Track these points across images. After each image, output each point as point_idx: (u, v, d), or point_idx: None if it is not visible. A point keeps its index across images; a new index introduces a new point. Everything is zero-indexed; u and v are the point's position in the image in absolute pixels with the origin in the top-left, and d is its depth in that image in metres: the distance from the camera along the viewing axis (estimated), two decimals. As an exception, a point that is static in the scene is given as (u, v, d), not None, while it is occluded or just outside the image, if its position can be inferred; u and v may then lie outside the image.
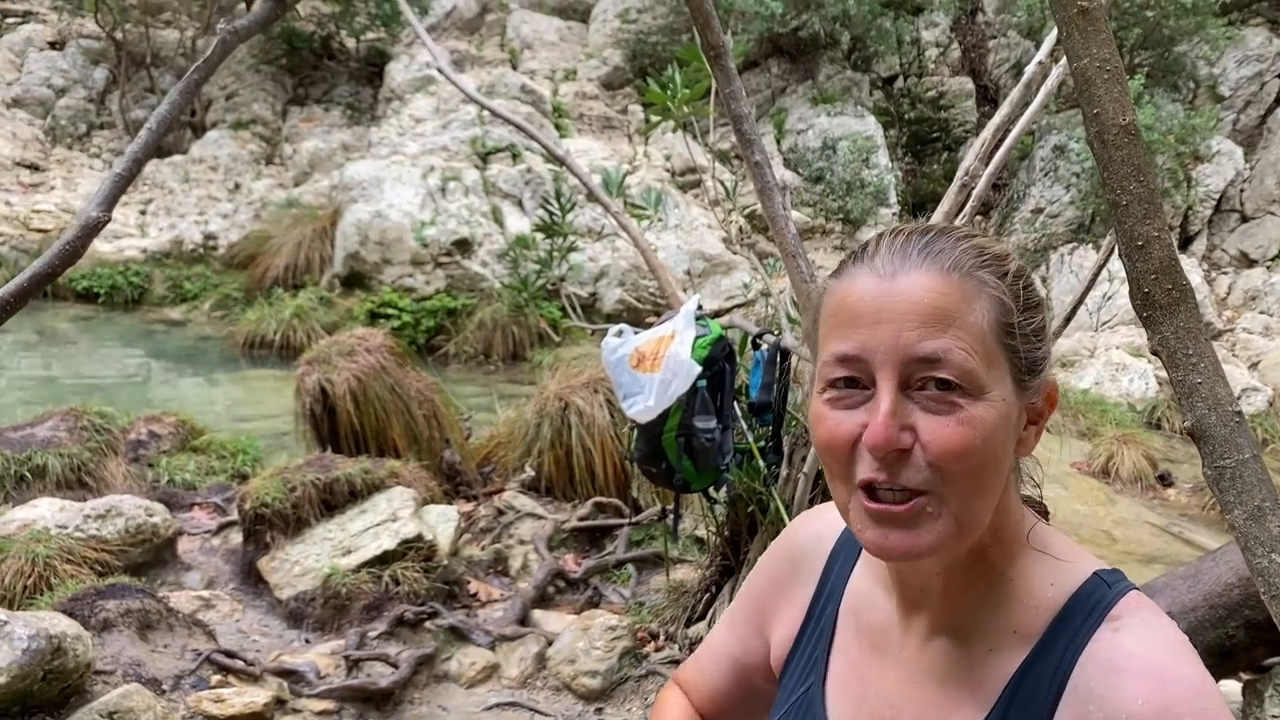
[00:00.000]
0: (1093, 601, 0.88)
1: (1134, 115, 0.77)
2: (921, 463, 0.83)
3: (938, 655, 0.93)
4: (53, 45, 14.38)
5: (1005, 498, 0.90)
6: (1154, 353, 0.77)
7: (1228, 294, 12.01)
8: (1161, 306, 0.76)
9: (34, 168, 12.78)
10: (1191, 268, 11.80)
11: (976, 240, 0.89)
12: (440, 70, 4.89)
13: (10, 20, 14.76)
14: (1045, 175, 12.55)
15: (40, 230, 11.64)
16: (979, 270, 0.86)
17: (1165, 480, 7.73)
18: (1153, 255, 0.76)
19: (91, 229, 1.35)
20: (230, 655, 3.64)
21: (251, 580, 4.49)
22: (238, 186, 12.95)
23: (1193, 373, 0.75)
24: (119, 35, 13.72)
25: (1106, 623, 0.86)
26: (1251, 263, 12.21)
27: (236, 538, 4.75)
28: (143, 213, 12.49)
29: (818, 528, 1.13)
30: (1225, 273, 12.28)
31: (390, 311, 10.62)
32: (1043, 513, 0.98)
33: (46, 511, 4.36)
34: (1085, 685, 0.84)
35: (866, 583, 1.03)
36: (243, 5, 14.25)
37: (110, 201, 1.35)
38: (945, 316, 0.83)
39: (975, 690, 0.89)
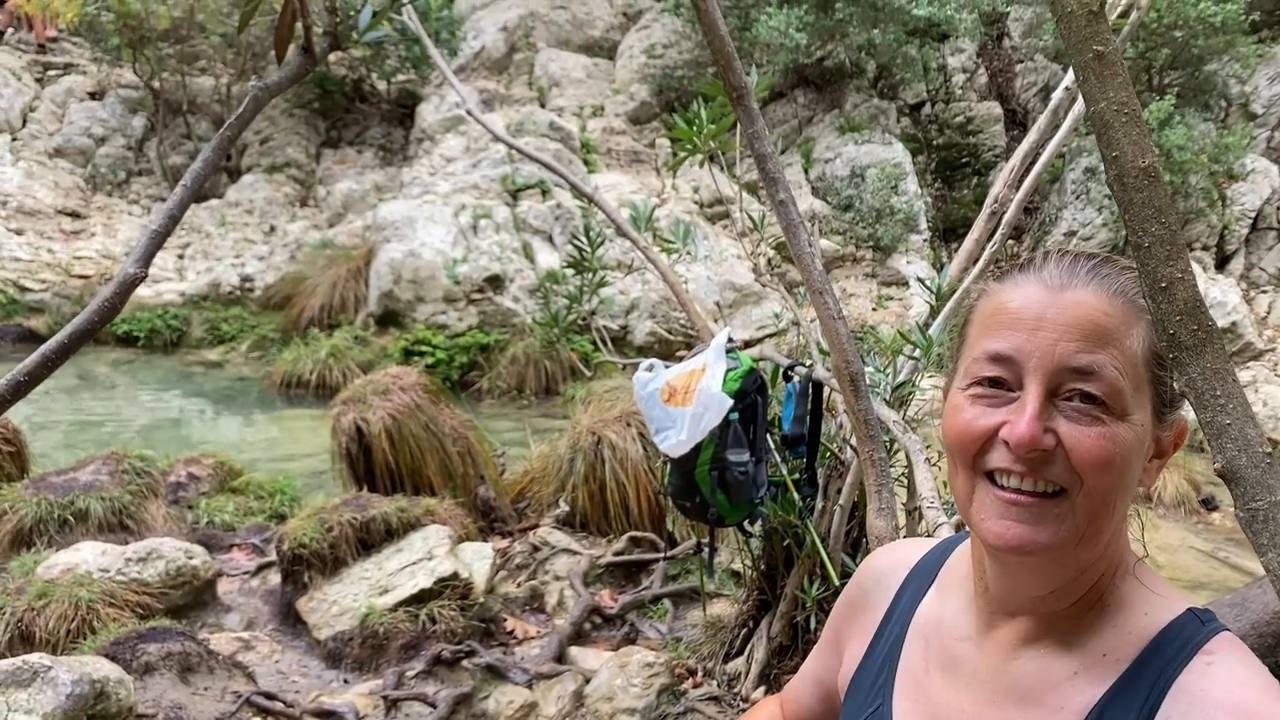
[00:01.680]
0: (1186, 635, 0.88)
1: (1153, 158, 0.77)
2: (1064, 464, 0.86)
3: (1020, 675, 0.93)
4: (93, 95, 14.73)
5: (1120, 526, 0.92)
6: (1181, 394, 0.77)
7: (1268, 313, 11.82)
8: (1188, 348, 0.76)
9: (75, 215, 13.06)
10: (1229, 287, 11.64)
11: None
12: (469, 112, 4.96)
13: (52, 72, 15.13)
14: (1077, 198, 12.47)
15: (81, 277, 11.87)
16: (1141, 299, 0.88)
17: (1209, 504, 7.60)
18: (1177, 296, 0.76)
19: (129, 285, 1.38)
20: (270, 697, 3.66)
21: (290, 621, 4.52)
22: (273, 229, 13.15)
23: (1221, 414, 0.75)
24: (156, 84, 14.03)
25: (1200, 655, 0.86)
26: (1291, 281, 12.03)
27: (275, 578, 4.79)
28: (180, 257, 12.71)
29: (895, 558, 1.16)
30: (1264, 291, 12.09)
31: (424, 349, 10.71)
32: None
33: (89, 555, 4.42)
34: (1179, 716, 0.83)
35: (939, 607, 1.05)
36: (274, 52, 14.53)
37: (147, 258, 1.38)
38: (1105, 335, 0.86)
39: (1057, 712, 0.89)
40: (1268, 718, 0.81)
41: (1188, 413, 0.87)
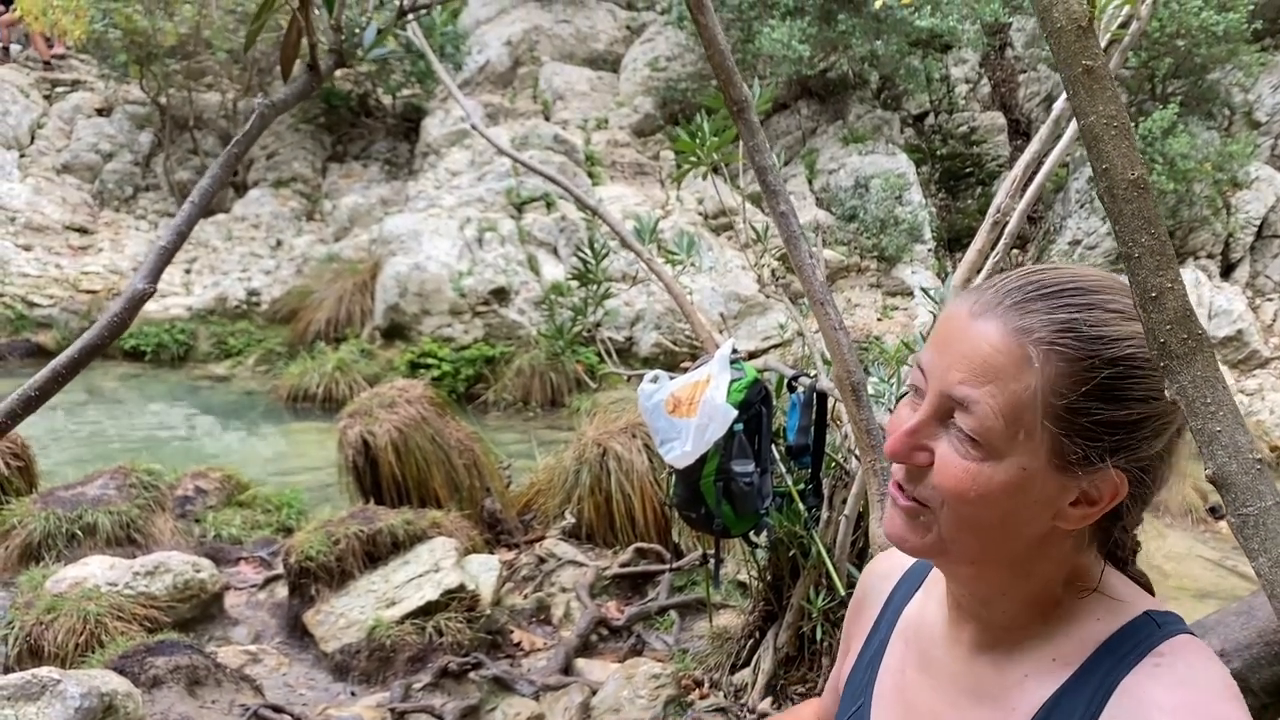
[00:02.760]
0: (1138, 638, 0.88)
1: (1142, 170, 0.78)
2: (930, 482, 0.88)
3: (978, 677, 0.95)
4: (100, 112, 14.80)
5: (1050, 557, 0.90)
6: (1172, 401, 0.78)
7: (1274, 321, 11.80)
8: (1178, 356, 0.77)
9: (83, 231, 13.12)
10: (1235, 295, 11.62)
11: (1093, 315, 0.85)
12: (474, 126, 4.99)
13: (60, 89, 15.22)
14: (1081, 207, 12.47)
15: (89, 292, 11.92)
16: (1055, 345, 0.84)
17: (1216, 513, 7.58)
18: (1167, 306, 0.77)
19: (138, 301, 1.40)
20: (277, 710, 3.67)
21: (297, 633, 4.53)
22: (279, 243, 13.20)
23: (1212, 421, 0.76)
24: (163, 100, 14.11)
25: (1149, 658, 0.86)
26: (1297, 288, 12.00)
27: (282, 591, 4.80)
28: (187, 271, 12.76)
29: (893, 562, 1.18)
30: (1270, 299, 12.07)
31: (430, 361, 10.73)
32: (1146, 586, 0.97)
33: (97, 569, 4.44)
34: (1121, 715, 0.84)
35: (920, 608, 1.07)
36: (280, 68, 14.59)
37: (155, 273, 1.40)
38: (990, 373, 0.84)
39: (1009, 713, 0.91)
40: (1210, 718, 0.81)
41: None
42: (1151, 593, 0.96)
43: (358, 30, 1.76)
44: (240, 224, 13.38)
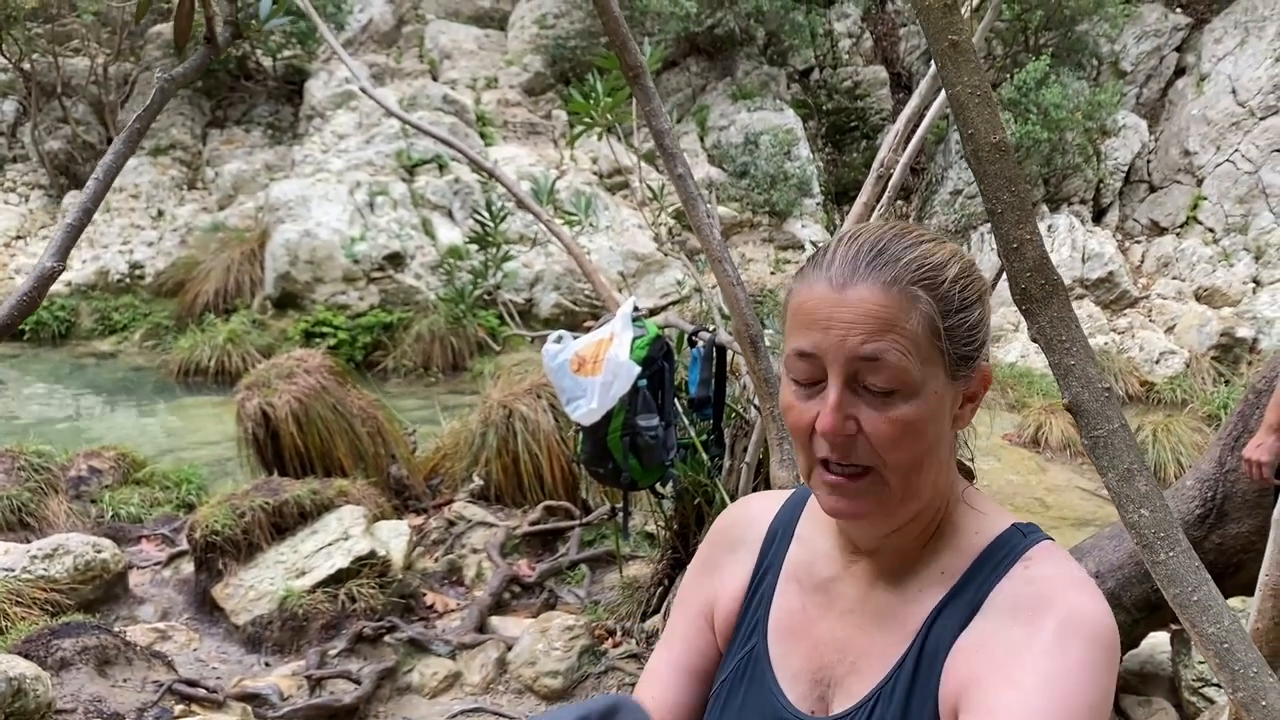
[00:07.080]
0: (1010, 546, 1.01)
1: (1004, 134, 0.88)
2: (866, 446, 0.97)
3: (879, 601, 1.05)
4: (-43, 79, 14.01)
5: (945, 464, 1.03)
6: (1033, 339, 0.88)
7: (1141, 262, 12.42)
8: (1037, 300, 0.87)
9: (-54, 206, 12.46)
10: (1106, 239, 12.19)
11: (921, 250, 0.98)
12: (363, 89, 4.91)
13: (-90, 56, 14.34)
14: (961, 158, 12.86)
15: (-42, 270, 11.37)
16: (915, 285, 0.96)
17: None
18: (1027, 255, 0.87)
19: (47, 279, 1.41)
20: (191, 684, 3.66)
21: (206, 608, 4.49)
22: (161, 213, 12.75)
23: (1067, 356, 0.87)
24: (26, 66, 13.41)
25: (1020, 563, 0.99)
26: (1162, 230, 12.64)
27: (187, 568, 4.74)
28: (63, 245, 12.25)
29: (754, 510, 1.24)
30: (1138, 242, 12.69)
31: (325, 330, 10.56)
32: (967, 474, 1.10)
33: (-9, 555, 4.32)
34: (993, 609, 0.97)
35: (805, 553, 1.14)
36: (155, 30, 14.00)
37: (64, 251, 1.40)
38: (885, 323, 0.95)
39: (905, 625, 1.02)
40: (1065, 598, 0.94)
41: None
42: (971, 477, 1.09)
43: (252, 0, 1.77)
44: (119, 195, 12.86)
